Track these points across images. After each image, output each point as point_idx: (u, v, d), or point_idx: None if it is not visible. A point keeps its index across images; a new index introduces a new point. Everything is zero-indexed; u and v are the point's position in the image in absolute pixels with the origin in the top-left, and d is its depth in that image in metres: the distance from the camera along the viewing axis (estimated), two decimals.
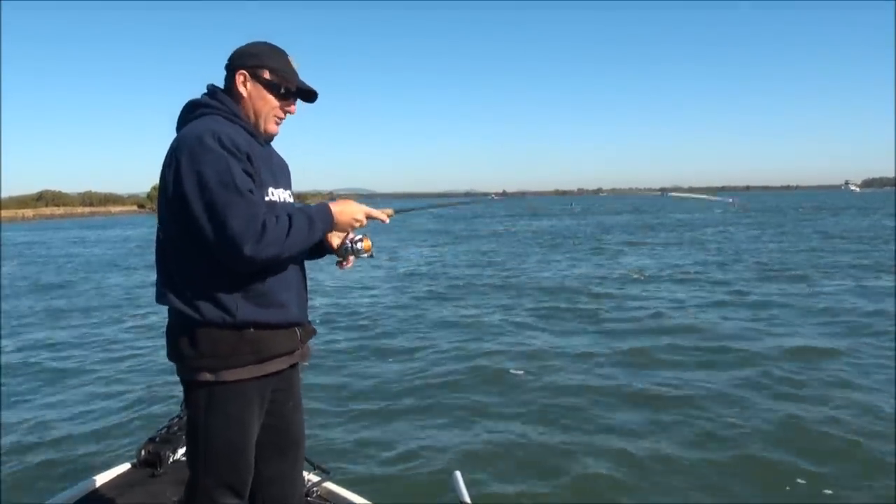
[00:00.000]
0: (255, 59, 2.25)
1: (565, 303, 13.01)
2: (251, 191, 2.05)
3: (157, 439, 3.46)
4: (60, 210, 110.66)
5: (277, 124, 2.33)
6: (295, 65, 2.33)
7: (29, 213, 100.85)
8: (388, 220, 2.48)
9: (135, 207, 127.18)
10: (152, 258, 2.33)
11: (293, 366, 2.34)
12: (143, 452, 3.39)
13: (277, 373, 2.23)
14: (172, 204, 2.08)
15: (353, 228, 2.36)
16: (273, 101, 2.27)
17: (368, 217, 2.37)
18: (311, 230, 2.14)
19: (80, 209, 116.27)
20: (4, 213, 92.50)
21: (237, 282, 2.09)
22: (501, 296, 14.22)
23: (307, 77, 2.36)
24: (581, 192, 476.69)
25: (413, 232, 41.09)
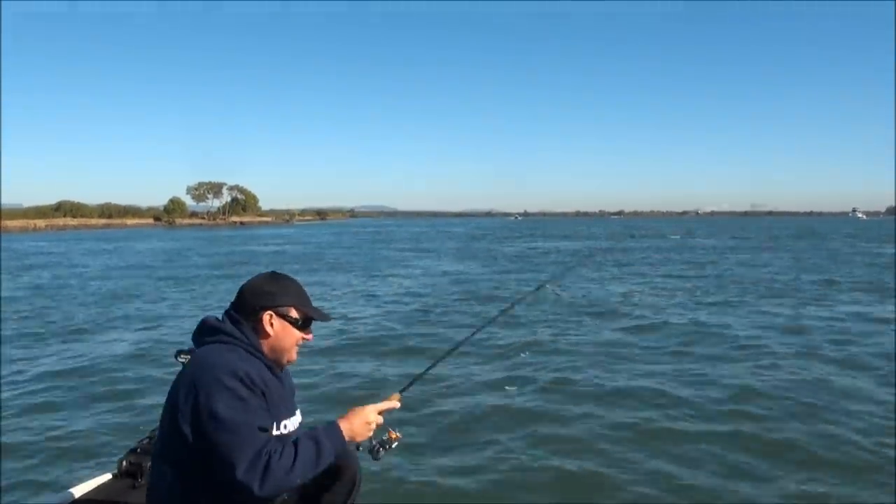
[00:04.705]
0: (281, 299, 2.37)
1: None
2: (263, 428, 2.13)
3: (139, 450, 3.43)
4: (74, 221, 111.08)
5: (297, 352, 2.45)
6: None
7: (41, 223, 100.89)
8: (399, 405, 2.55)
9: (150, 220, 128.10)
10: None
11: None
12: (124, 463, 3.37)
13: None
14: (183, 434, 2.13)
15: (394, 441, 2.45)
16: (298, 334, 2.40)
17: (382, 413, 2.42)
18: (318, 456, 2.17)
19: (94, 220, 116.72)
20: (16, 223, 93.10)
21: None
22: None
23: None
24: (602, 213, 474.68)
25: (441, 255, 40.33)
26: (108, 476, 3.43)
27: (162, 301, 18.61)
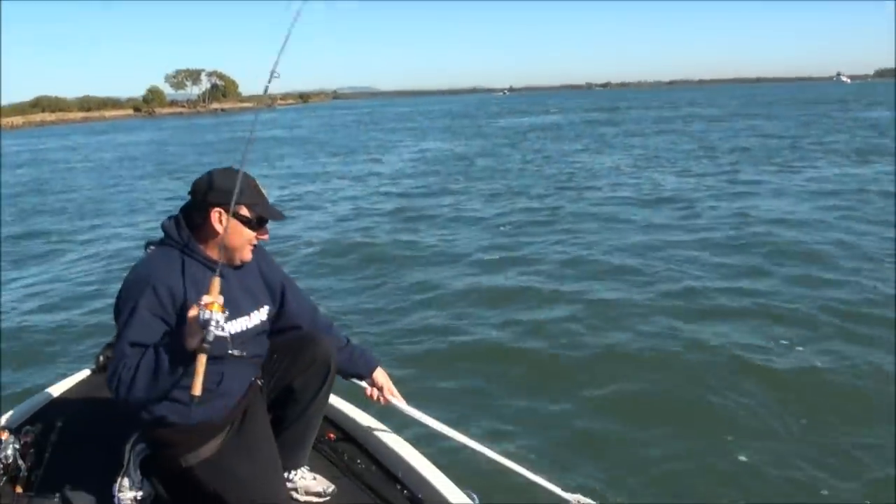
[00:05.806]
0: (231, 196, 2.20)
1: None
2: (140, 343, 2.15)
3: None
4: (52, 116, 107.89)
5: (252, 252, 2.39)
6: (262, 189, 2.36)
7: (18, 120, 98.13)
8: (217, 285, 2.16)
9: (130, 111, 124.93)
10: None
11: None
12: (101, 358, 3.39)
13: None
14: None
15: (208, 311, 2.03)
16: (249, 233, 2.33)
17: (204, 303, 2.08)
18: (157, 368, 2.12)
19: (72, 115, 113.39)
20: None
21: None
22: None
23: None
24: (589, 85, 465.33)
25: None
26: (86, 372, 3.46)
27: (147, 193, 18.70)
